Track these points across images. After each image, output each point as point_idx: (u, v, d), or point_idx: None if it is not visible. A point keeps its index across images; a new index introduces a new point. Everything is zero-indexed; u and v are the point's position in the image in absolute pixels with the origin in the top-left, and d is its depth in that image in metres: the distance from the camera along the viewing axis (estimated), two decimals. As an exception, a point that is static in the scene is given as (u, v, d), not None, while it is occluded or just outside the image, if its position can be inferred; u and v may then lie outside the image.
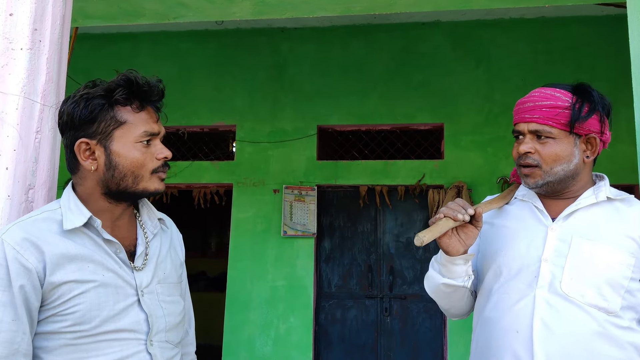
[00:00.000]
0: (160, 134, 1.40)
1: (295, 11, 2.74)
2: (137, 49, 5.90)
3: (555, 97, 1.58)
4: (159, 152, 1.38)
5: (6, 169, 1.53)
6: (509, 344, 1.55)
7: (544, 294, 1.53)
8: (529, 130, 1.59)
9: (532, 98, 1.61)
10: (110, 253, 1.33)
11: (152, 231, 1.47)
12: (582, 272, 1.52)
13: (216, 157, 5.83)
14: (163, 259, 1.46)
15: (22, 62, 1.59)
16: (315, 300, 5.40)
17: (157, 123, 1.39)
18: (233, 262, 5.48)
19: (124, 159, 1.33)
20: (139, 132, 1.34)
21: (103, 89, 1.34)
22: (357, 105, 5.55)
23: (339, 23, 5.62)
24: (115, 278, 1.31)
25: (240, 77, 5.75)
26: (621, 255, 1.51)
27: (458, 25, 5.53)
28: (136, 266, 1.36)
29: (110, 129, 1.32)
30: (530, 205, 1.68)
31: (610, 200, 1.61)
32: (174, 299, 1.44)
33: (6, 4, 1.61)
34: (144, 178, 1.35)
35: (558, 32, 5.36)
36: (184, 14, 2.81)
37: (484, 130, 5.29)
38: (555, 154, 1.57)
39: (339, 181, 5.49)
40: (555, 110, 1.56)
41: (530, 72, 5.32)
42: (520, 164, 1.62)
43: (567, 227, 1.58)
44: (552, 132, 1.56)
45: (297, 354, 5.24)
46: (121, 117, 1.33)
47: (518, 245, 1.62)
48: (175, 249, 1.55)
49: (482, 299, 1.68)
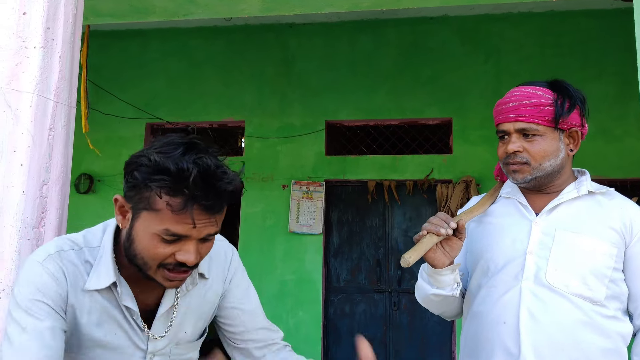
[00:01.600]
0: (192, 236, 1.15)
1: (304, 7, 2.75)
2: (146, 46, 5.93)
3: (537, 95, 1.62)
4: (181, 253, 1.16)
5: (21, 165, 1.56)
6: (497, 336, 1.60)
7: (530, 285, 1.58)
8: (515, 129, 1.62)
9: (515, 97, 1.63)
10: (125, 315, 1.27)
11: (188, 288, 1.33)
12: (566, 263, 1.56)
13: (225, 152, 5.86)
14: (189, 317, 1.35)
15: (36, 61, 1.61)
16: (324, 294, 5.43)
17: (192, 227, 1.13)
18: (242, 257, 5.46)
19: (139, 241, 1.17)
20: (161, 228, 1.13)
21: (157, 164, 1.11)
22: (365, 100, 5.56)
23: (347, 18, 5.62)
24: (125, 339, 1.27)
25: (249, 73, 5.77)
26: (604, 245, 1.56)
27: (466, 19, 5.52)
28: (153, 335, 1.29)
29: (141, 207, 1.15)
30: (514, 201, 1.72)
31: (591, 194, 1.65)
32: (188, 357, 1.39)
33: (19, 3, 1.64)
34: (151, 268, 1.18)
35: (567, 26, 5.33)
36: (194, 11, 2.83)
37: (492, 125, 5.18)
38: (544, 150, 1.60)
39: (347, 176, 5.51)
40: (538, 108, 1.60)
41: (538, 66, 5.31)
42: (508, 162, 1.65)
43: (551, 221, 1.63)
44: (539, 130, 1.60)
45: (307, 347, 5.28)
46: (152, 205, 1.13)
47: (504, 241, 1.66)
48: (208, 299, 1.40)
49: (470, 295, 1.73)
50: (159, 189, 1.10)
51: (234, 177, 1.15)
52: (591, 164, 5.22)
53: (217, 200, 1.13)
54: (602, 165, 5.06)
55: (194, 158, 1.10)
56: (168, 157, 1.11)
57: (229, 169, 1.16)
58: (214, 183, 1.11)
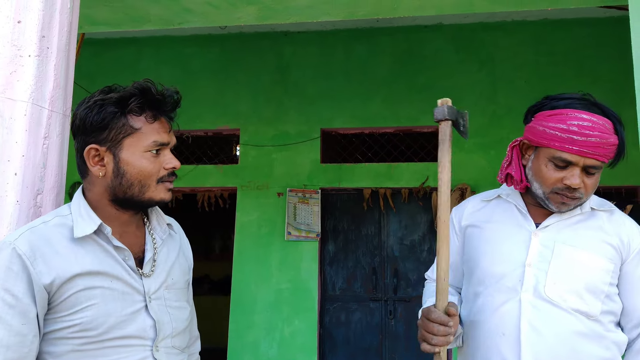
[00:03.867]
0: (170, 144, 1.38)
1: (299, 16, 2.76)
2: (140, 54, 5.93)
3: (609, 134, 1.54)
4: (167, 162, 1.37)
5: (15, 175, 1.54)
6: (495, 346, 1.59)
7: (529, 298, 1.57)
8: (584, 165, 1.53)
9: (598, 133, 1.51)
10: (119, 260, 1.33)
11: (161, 237, 1.46)
12: (564, 277, 1.56)
13: (220, 160, 5.85)
14: (171, 265, 1.45)
15: (30, 69, 1.60)
16: (320, 303, 5.41)
17: (168, 133, 1.38)
18: (237, 266, 5.49)
19: (132, 167, 1.32)
20: (149, 141, 1.33)
21: (117, 96, 1.33)
22: (360, 108, 5.57)
23: (342, 27, 5.64)
24: (123, 285, 1.31)
25: (244, 81, 5.77)
26: (601, 260, 1.57)
27: (461, 28, 5.55)
28: (144, 272, 1.36)
29: (121, 137, 1.32)
30: (513, 206, 1.70)
31: (593, 211, 1.65)
32: (181, 305, 1.44)
33: (14, 12, 1.63)
34: (150, 187, 1.34)
35: (561, 34, 5.37)
36: (189, 20, 2.83)
37: (487, 132, 5.30)
38: (595, 185, 1.58)
39: (342, 184, 5.51)
40: (611, 149, 1.54)
41: (533, 74, 5.34)
42: (563, 193, 1.56)
43: (550, 234, 1.61)
44: (601, 167, 1.56)
45: (302, 356, 5.25)
46: (133, 126, 1.33)
47: (501, 250, 1.65)
48: (184, 254, 1.54)
49: (467, 303, 1.72)
50: (136, 109, 1.32)
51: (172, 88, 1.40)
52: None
53: (170, 107, 1.38)
54: (597, 172, 5.08)
55: (135, 85, 1.35)
56: (120, 89, 1.35)
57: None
58: (163, 92, 1.36)
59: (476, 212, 1.77)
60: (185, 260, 1.54)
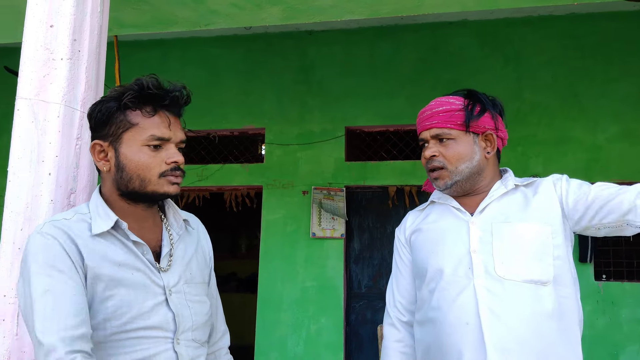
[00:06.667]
0: (171, 139, 1.38)
1: (323, 15, 2.77)
2: (167, 55, 6.01)
3: (449, 102, 1.73)
4: (169, 156, 1.37)
5: (49, 175, 1.59)
6: (460, 337, 1.61)
7: (482, 282, 1.61)
8: (430, 136, 1.73)
9: (429, 107, 1.76)
10: (138, 254, 1.36)
11: (178, 232, 1.48)
12: (510, 253, 1.62)
13: (246, 160, 5.91)
14: (189, 260, 1.47)
15: (63, 72, 1.65)
16: (346, 301, 5.42)
17: (169, 128, 1.37)
18: (264, 263, 5.54)
19: (129, 161, 1.35)
20: (146, 135, 1.34)
21: (117, 92, 1.36)
22: (385, 106, 5.56)
23: (366, 25, 5.63)
24: (144, 277, 1.34)
25: (269, 80, 5.81)
26: (537, 226, 1.64)
27: (486, 24, 5.50)
28: (161, 267, 1.38)
29: (120, 132, 1.35)
30: (447, 206, 1.78)
31: (517, 187, 1.73)
32: (201, 299, 1.47)
33: (47, 16, 1.68)
34: (151, 181, 1.35)
35: (588, 29, 5.29)
36: (215, 21, 2.87)
37: (513, 129, 5.19)
38: (458, 153, 1.70)
39: (367, 182, 5.51)
40: (450, 113, 1.70)
41: (560, 69, 5.27)
42: (428, 168, 1.75)
43: (485, 218, 1.69)
44: (451, 134, 1.70)
45: (329, 354, 5.27)
46: (130, 121, 1.35)
47: (446, 244, 1.71)
48: (202, 249, 1.56)
49: (422, 302, 1.75)
50: (131, 102, 1.33)
51: (179, 84, 1.41)
52: (615, 167, 5.17)
53: (170, 101, 1.37)
54: (627, 168, 5.00)
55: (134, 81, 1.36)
56: (123, 87, 1.36)
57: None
58: (161, 87, 1.37)
59: (415, 220, 1.87)
60: (204, 256, 1.56)
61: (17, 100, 1.64)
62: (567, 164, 5.10)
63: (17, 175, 1.60)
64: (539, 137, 5.23)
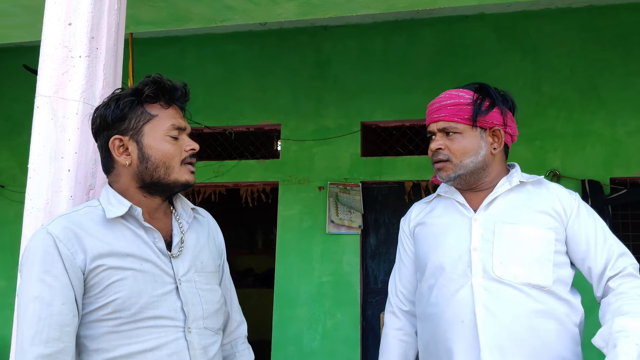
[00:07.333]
0: (186, 130, 1.47)
1: (339, 10, 2.77)
2: (183, 52, 6.04)
3: (458, 96, 1.73)
4: (186, 144, 1.45)
5: (68, 171, 1.61)
6: (456, 335, 1.62)
7: (480, 281, 1.62)
8: (437, 129, 1.73)
9: (438, 100, 1.76)
10: (148, 242, 1.39)
11: (187, 221, 1.52)
12: (510, 255, 1.61)
13: (262, 155, 5.92)
14: (200, 249, 1.50)
15: (81, 69, 1.67)
16: (362, 296, 5.42)
17: (183, 118, 1.48)
18: (280, 259, 5.55)
19: (155, 150, 1.41)
20: (167, 125, 1.42)
21: (132, 89, 1.43)
22: (400, 100, 5.53)
23: (382, 19, 5.61)
24: (153, 267, 1.37)
25: (284, 76, 5.82)
26: (541, 231, 1.63)
27: (503, 17, 5.44)
28: (173, 254, 1.42)
29: (141, 124, 1.41)
30: (452, 201, 1.78)
31: (523, 184, 1.72)
32: (212, 287, 1.49)
33: (65, 14, 1.70)
34: (174, 169, 1.42)
35: (607, 21, 5.20)
36: (231, 17, 2.88)
37: (532, 123, 5.20)
38: (463, 147, 1.69)
39: (383, 177, 5.50)
40: (458, 107, 1.70)
41: (579, 62, 5.20)
42: (433, 160, 1.76)
43: (489, 216, 1.68)
44: (458, 127, 1.69)
45: (345, 349, 5.28)
46: (150, 113, 1.42)
47: (447, 240, 1.71)
48: (213, 238, 1.60)
49: (422, 297, 1.77)
50: (152, 95, 1.41)
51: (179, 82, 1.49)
52: (635, 162, 5.09)
53: (181, 95, 1.47)
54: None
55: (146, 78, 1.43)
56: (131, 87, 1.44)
57: None
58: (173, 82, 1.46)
59: (420, 213, 1.88)
60: (215, 245, 1.60)
61: (36, 98, 1.66)
62: (586, 158, 5.04)
63: (37, 172, 1.62)
64: (558, 131, 5.17)
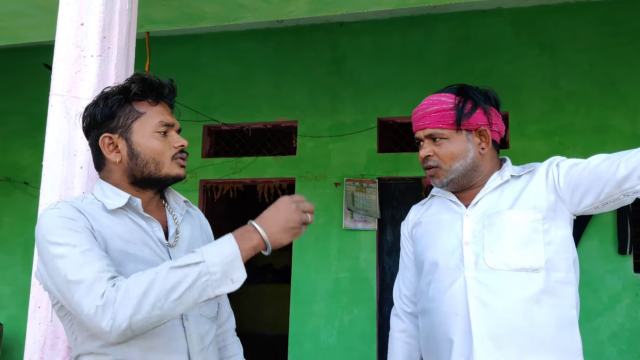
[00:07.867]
0: (175, 126, 1.48)
1: (350, 7, 2.77)
2: (199, 50, 6.09)
3: (440, 101, 1.74)
4: (175, 141, 1.46)
5: (81, 168, 1.66)
6: (450, 328, 1.66)
7: (472, 273, 1.64)
8: (424, 136, 1.76)
9: (422, 107, 1.78)
10: (148, 232, 1.42)
11: (181, 213, 1.55)
12: (499, 242, 1.63)
13: (279, 152, 5.95)
14: (195, 240, 1.54)
15: (93, 69, 1.71)
16: (379, 292, 5.43)
17: (171, 115, 1.49)
18: (297, 255, 5.58)
19: (144, 147, 1.42)
20: (156, 122, 1.44)
21: (119, 87, 1.45)
22: (417, 96, 5.43)
23: (398, 15, 5.59)
24: (152, 254, 1.39)
25: (300, 73, 5.83)
26: (526, 213, 1.64)
27: (521, 11, 5.39)
28: (170, 243, 1.45)
29: (130, 122, 1.43)
30: (444, 199, 1.82)
31: (515, 177, 1.74)
32: None
33: (77, 15, 1.74)
34: (165, 164, 1.44)
35: (627, 15, 5.12)
36: (243, 15, 2.90)
37: (550, 118, 5.15)
38: (451, 152, 1.72)
39: (400, 173, 5.49)
40: (441, 113, 1.72)
41: (598, 56, 5.13)
42: (424, 167, 1.79)
43: (479, 210, 1.71)
44: (444, 133, 1.72)
45: (362, 345, 5.30)
46: (138, 110, 1.43)
47: (441, 236, 1.75)
48: (206, 232, 1.64)
49: (421, 293, 1.81)
50: (139, 93, 1.42)
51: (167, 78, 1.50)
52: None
53: (169, 92, 1.48)
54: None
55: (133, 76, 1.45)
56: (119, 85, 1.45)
57: None
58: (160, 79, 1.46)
59: (417, 214, 1.92)
60: (208, 238, 1.64)
61: (50, 97, 1.71)
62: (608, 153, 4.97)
63: (51, 169, 1.66)
64: (577, 127, 5.11)
